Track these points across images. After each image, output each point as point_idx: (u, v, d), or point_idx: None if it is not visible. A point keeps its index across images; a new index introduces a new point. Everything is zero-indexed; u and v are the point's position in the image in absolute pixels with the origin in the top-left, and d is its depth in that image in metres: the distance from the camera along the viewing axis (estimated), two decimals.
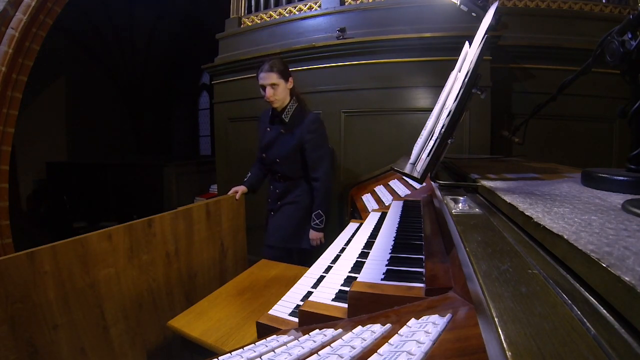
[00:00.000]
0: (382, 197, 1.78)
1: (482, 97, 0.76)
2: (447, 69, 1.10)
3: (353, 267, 0.90)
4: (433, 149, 0.68)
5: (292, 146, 1.71)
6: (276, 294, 1.18)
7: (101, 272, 1.19)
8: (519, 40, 2.26)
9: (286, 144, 1.73)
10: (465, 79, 0.69)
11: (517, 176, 0.83)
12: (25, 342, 0.97)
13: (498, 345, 0.23)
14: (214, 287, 1.45)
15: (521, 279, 0.32)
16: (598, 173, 0.61)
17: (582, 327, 0.24)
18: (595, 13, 2.36)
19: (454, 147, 1.57)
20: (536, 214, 0.43)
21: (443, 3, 2.19)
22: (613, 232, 0.34)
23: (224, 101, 2.86)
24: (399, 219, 1.13)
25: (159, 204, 4.37)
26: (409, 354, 0.35)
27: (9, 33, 2.41)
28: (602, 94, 2.22)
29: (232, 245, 1.89)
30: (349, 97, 2.34)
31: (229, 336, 1.05)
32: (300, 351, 0.47)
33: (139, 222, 1.35)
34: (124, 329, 1.26)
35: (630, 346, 0.22)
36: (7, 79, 2.44)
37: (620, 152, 2.30)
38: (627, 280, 0.23)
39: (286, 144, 1.73)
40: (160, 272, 1.43)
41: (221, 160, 2.93)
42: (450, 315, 0.43)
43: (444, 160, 1.24)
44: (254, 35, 2.71)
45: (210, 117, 6.71)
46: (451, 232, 0.56)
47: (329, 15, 2.42)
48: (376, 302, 0.62)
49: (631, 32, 0.58)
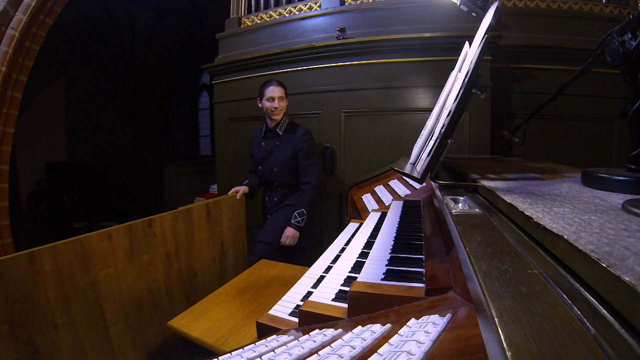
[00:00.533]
0: (382, 197, 1.78)
1: (482, 97, 0.76)
2: (447, 69, 1.10)
3: (353, 267, 0.90)
4: (433, 149, 0.68)
5: (288, 156, 1.91)
6: (276, 294, 1.18)
7: (101, 272, 1.19)
8: (519, 40, 2.26)
9: (282, 154, 1.93)
10: (465, 79, 0.69)
11: (517, 176, 0.83)
12: (25, 342, 0.97)
13: (498, 345, 0.23)
14: (214, 287, 1.45)
15: (521, 279, 0.32)
16: (598, 173, 0.61)
17: (582, 327, 0.24)
18: (595, 13, 2.36)
19: (454, 147, 1.57)
20: (536, 214, 0.43)
21: (443, 3, 2.19)
22: (613, 232, 0.34)
23: (224, 101, 2.86)
24: (399, 219, 1.13)
25: (159, 204, 4.37)
26: (409, 354, 0.35)
27: (9, 33, 2.41)
28: (602, 94, 2.22)
29: (232, 245, 1.90)
30: (349, 97, 2.34)
31: (229, 336, 1.05)
32: (300, 351, 0.47)
33: (139, 222, 1.36)
34: (124, 329, 1.26)
35: (630, 346, 0.22)
36: (7, 79, 2.43)
37: (620, 152, 2.30)
38: (627, 280, 0.23)
39: (282, 154, 1.93)
40: (160, 272, 1.43)
41: (221, 160, 2.93)
42: (450, 315, 0.43)
43: (444, 160, 1.24)
44: (254, 35, 2.71)
45: (210, 117, 6.71)
46: (451, 232, 0.56)
47: (329, 15, 2.42)
48: (376, 302, 0.62)
49: (631, 32, 0.58)
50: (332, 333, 0.55)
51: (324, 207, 2.48)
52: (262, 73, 2.58)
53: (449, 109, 0.72)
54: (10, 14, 2.41)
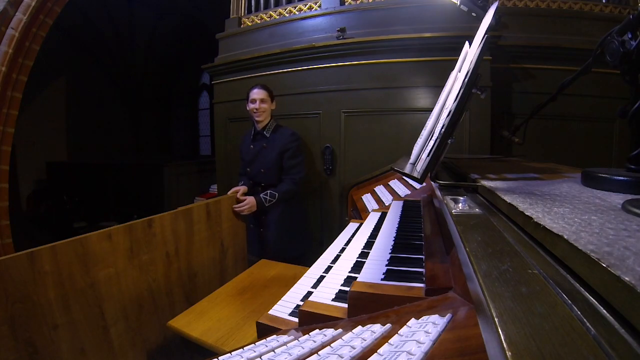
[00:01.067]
0: (382, 197, 1.78)
1: (482, 97, 0.76)
2: (447, 69, 1.10)
3: (353, 267, 0.90)
4: (433, 149, 0.68)
5: (274, 157, 1.98)
6: (276, 294, 1.18)
7: (101, 272, 1.19)
8: (519, 40, 2.25)
9: (269, 155, 2.00)
10: (465, 79, 0.69)
11: (517, 176, 0.83)
12: (25, 342, 0.97)
13: (498, 345, 0.23)
14: (214, 287, 1.45)
15: (521, 279, 0.32)
16: (598, 173, 0.61)
17: (582, 327, 0.24)
18: (595, 13, 2.36)
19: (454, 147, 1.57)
20: (536, 214, 0.43)
21: (443, 3, 2.19)
22: (613, 232, 0.34)
23: (224, 101, 2.86)
24: (399, 219, 1.13)
25: (159, 204, 4.37)
26: (409, 354, 0.35)
27: (9, 33, 2.41)
28: (602, 94, 2.22)
29: (232, 245, 1.89)
30: (349, 97, 2.34)
31: (229, 336, 1.05)
32: (300, 351, 0.47)
33: (139, 222, 1.35)
34: (124, 329, 1.26)
35: (630, 346, 0.22)
36: (7, 79, 2.43)
37: (620, 152, 2.30)
38: (627, 280, 0.23)
39: (269, 155, 2.00)
40: (160, 272, 1.43)
41: (221, 160, 2.93)
42: (450, 315, 0.43)
43: (444, 160, 1.24)
44: (254, 35, 2.71)
45: (210, 117, 6.70)
46: (451, 232, 0.56)
47: (329, 15, 2.42)
48: (376, 302, 0.62)
49: (631, 32, 0.58)
50: (332, 333, 0.55)
51: (324, 207, 2.48)
52: (262, 73, 2.58)
53: (449, 109, 0.72)
54: (10, 14, 2.41)
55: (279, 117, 2.55)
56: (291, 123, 2.46)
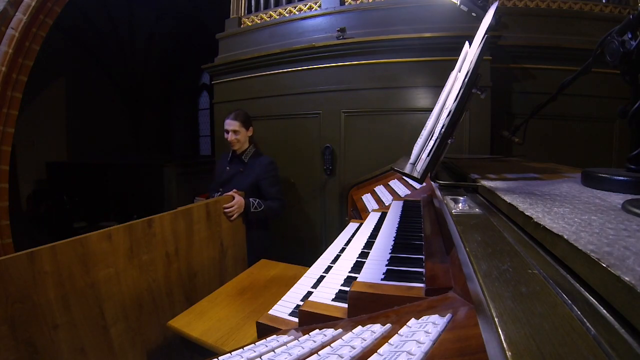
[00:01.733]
0: (382, 197, 1.78)
1: (482, 97, 0.76)
2: (447, 69, 1.10)
3: (353, 267, 0.90)
4: (433, 149, 0.68)
5: (250, 182, 1.98)
6: (276, 294, 1.18)
7: (101, 272, 1.19)
8: (519, 40, 2.25)
9: (244, 180, 1.99)
10: (465, 79, 0.69)
11: (517, 176, 0.83)
12: (25, 342, 0.96)
13: (498, 345, 0.23)
14: (214, 287, 1.45)
15: (521, 279, 0.32)
16: (598, 173, 0.61)
17: (582, 327, 0.24)
18: (595, 13, 2.36)
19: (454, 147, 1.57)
20: (536, 214, 0.43)
21: (443, 3, 2.19)
22: (613, 232, 0.34)
23: (224, 101, 2.86)
24: (399, 219, 1.13)
25: (159, 204, 4.37)
26: (409, 354, 0.35)
27: (9, 33, 2.41)
28: (602, 94, 2.22)
29: (232, 245, 1.89)
30: (349, 97, 2.34)
31: (229, 336, 1.05)
32: (300, 351, 0.47)
33: (139, 222, 1.35)
34: (124, 329, 1.26)
35: (630, 346, 0.22)
36: (7, 79, 2.43)
37: (620, 152, 2.30)
38: (627, 280, 0.23)
39: (244, 180, 1.99)
40: (160, 272, 1.43)
41: None
42: (450, 315, 0.43)
43: (444, 160, 1.24)
44: (254, 35, 2.71)
45: (210, 117, 6.71)
46: (451, 232, 0.56)
47: (329, 15, 2.42)
48: (376, 302, 0.62)
49: (631, 32, 0.58)
50: (332, 333, 0.55)
51: (324, 207, 2.48)
52: (262, 73, 2.58)
53: (449, 109, 0.72)
54: (10, 14, 2.41)
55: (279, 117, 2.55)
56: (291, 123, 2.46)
